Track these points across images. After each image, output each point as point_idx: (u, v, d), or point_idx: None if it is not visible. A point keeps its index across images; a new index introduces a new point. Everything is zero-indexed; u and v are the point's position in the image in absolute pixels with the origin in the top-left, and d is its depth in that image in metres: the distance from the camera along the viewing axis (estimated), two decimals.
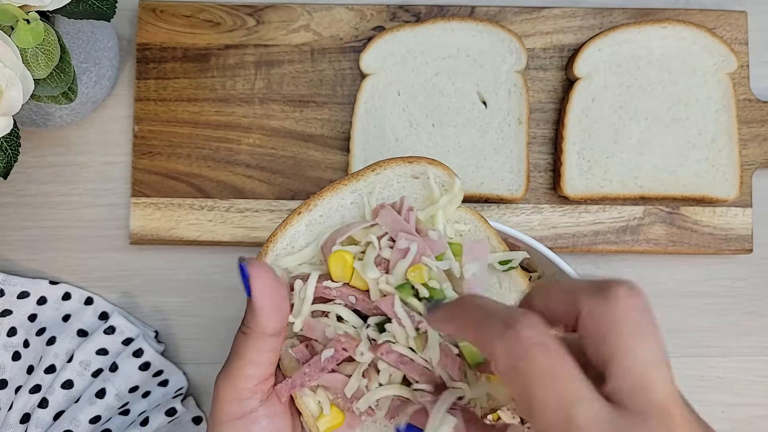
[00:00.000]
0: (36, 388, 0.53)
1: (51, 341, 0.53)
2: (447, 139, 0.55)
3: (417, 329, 0.35)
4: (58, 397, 0.52)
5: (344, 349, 0.36)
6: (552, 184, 0.57)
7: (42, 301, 0.55)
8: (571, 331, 0.28)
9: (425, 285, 0.36)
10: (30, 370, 0.54)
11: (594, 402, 0.25)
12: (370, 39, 0.56)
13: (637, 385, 0.25)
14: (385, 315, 0.36)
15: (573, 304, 0.27)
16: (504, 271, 0.39)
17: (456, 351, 0.35)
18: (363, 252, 0.38)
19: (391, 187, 0.40)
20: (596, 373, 0.26)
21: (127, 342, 0.54)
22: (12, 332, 0.54)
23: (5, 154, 0.43)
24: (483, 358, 0.34)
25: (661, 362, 0.26)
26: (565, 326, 0.28)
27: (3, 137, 0.42)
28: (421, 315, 0.35)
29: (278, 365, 0.38)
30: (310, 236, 0.40)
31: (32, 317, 0.54)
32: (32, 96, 0.40)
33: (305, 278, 0.38)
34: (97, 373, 0.53)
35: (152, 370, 0.53)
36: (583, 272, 0.57)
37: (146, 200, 0.56)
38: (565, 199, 0.56)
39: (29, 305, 0.54)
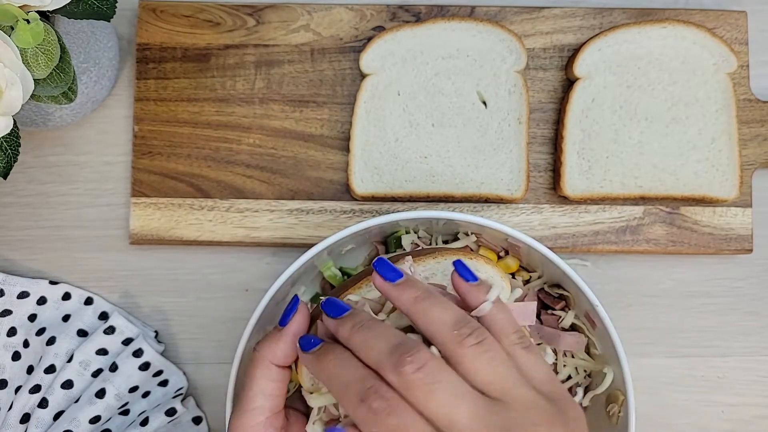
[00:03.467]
0: (36, 388, 0.53)
1: (51, 341, 0.53)
2: (447, 139, 0.55)
3: None
4: (58, 397, 0.52)
5: None
6: (552, 184, 0.57)
7: (42, 301, 0.55)
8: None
9: None
10: (30, 370, 0.54)
11: None
12: (370, 39, 0.56)
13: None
14: None
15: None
16: None
17: None
18: None
19: (447, 278, 0.41)
20: None
21: (127, 342, 0.54)
22: (12, 332, 0.54)
23: (5, 154, 0.43)
24: None
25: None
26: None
27: (3, 137, 0.42)
28: None
29: None
30: None
31: (32, 317, 0.54)
32: (32, 96, 0.40)
33: None
34: (97, 373, 0.53)
35: (152, 370, 0.54)
36: (583, 272, 0.57)
37: (146, 200, 0.56)
38: (565, 199, 0.56)
39: (29, 305, 0.54)
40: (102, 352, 0.53)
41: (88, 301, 0.55)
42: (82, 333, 0.54)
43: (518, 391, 0.33)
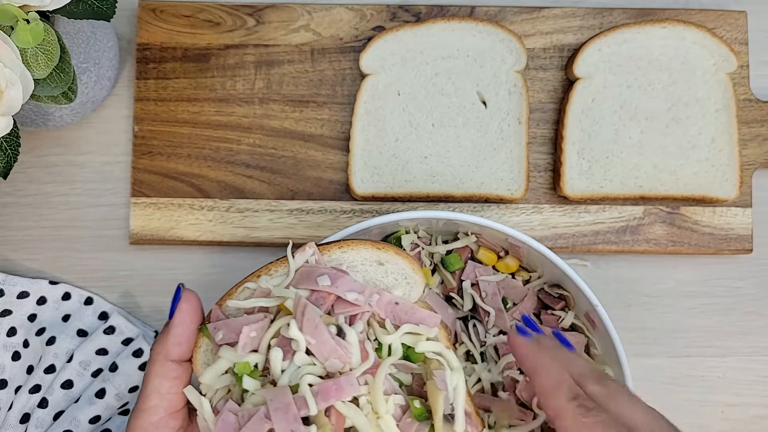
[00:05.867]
0: (36, 388, 0.53)
1: (51, 341, 0.53)
2: (447, 139, 0.55)
3: None
4: (57, 397, 0.52)
5: None
6: (552, 184, 0.57)
7: (42, 301, 0.55)
8: None
9: None
10: (30, 370, 0.54)
11: None
12: (370, 39, 0.56)
13: None
14: None
15: None
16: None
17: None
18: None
19: (355, 268, 0.39)
20: None
21: (127, 342, 0.54)
22: (12, 332, 0.54)
23: (5, 154, 0.43)
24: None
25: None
26: None
27: (3, 137, 0.42)
28: None
29: None
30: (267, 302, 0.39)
31: (32, 317, 0.54)
32: (32, 96, 0.40)
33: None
34: (96, 373, 0.53)
35: None
36: (583, 273, 0.57)
37: (146, 200, 0.56)
38: (565, 199, 0.56)
39: (29, 305, 0.54)
40: (102, 352, 0.53)
41: (88, 301, 0.55)
42: (82, 333, 0.54)
43: None
